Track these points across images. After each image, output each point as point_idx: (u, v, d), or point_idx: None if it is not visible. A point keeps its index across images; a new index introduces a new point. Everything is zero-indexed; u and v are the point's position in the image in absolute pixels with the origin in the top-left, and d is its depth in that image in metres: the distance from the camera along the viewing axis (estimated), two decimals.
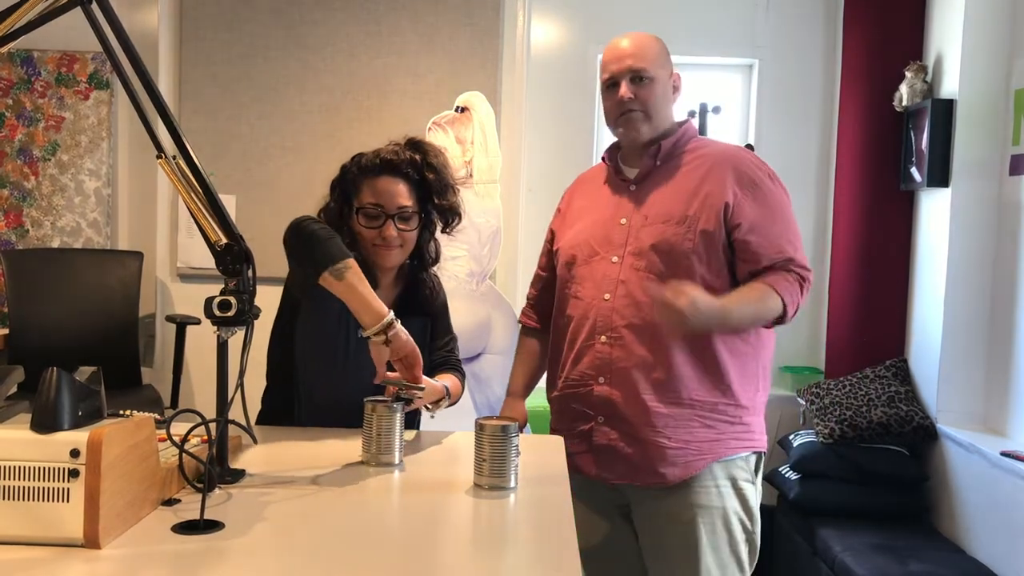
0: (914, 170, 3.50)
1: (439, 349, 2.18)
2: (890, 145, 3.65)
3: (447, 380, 2.07)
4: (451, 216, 2.12)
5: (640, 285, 1.98)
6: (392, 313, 1.81)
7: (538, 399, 3.63)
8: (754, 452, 2.05)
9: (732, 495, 2.00)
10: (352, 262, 1.81)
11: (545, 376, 2.26)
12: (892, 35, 3.65)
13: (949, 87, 3.37)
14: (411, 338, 1.83)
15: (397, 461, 1.77)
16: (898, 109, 3.58)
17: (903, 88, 3.51)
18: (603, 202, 2.13)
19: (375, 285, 2.04)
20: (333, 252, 1.81)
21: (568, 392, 2.08)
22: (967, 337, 3.31)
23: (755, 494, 2.05)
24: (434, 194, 2.07)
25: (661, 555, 2.03)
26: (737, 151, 2.11)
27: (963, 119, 3.29)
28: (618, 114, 2.06)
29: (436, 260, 2.19)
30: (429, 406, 1.97)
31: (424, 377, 1.91)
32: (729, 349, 1.98)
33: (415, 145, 2.09)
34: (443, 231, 2.15)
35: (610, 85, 2.08)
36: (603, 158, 2.21)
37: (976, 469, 3.10)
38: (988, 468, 3.01)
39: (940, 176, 3.34)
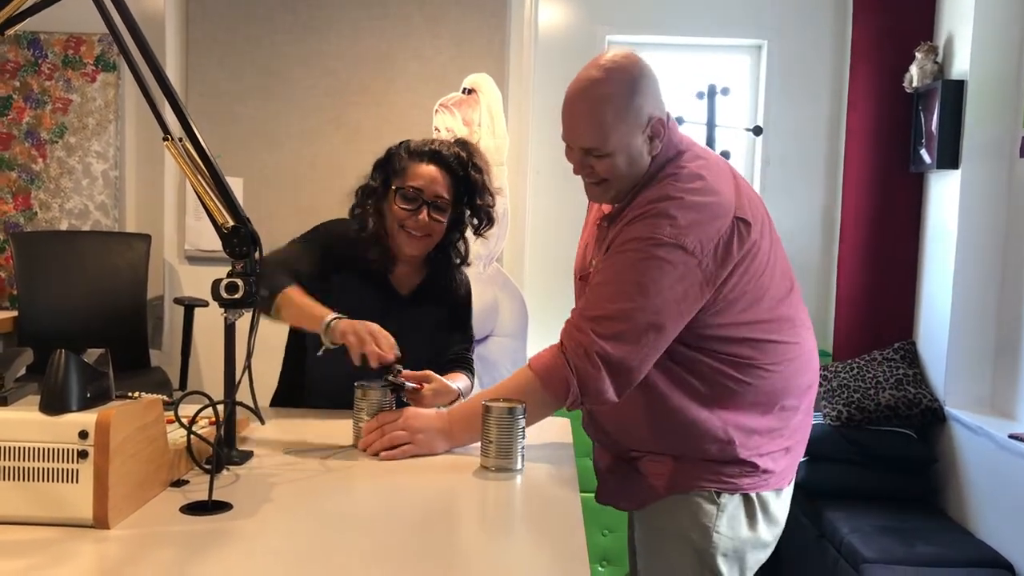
0: (924, 152, 3.48)
1: (454, 345, 2.19)
2: (900, 126, 3.63)
3: (460, 381, 2.06)
4: (486, 219, 2.13)
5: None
6: (329, 315, 1.83)
7: None
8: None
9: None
10: (284, 294, 1.89)
11: None
12: (902, 16, 3.61)
13: (960, 68, 3.34)
14: (357, 322, 1.82)
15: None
16: (908, 90, 3.56)
17: (913, 69, 3.49)
18: (591, 228, 1.95)
19: (391, 270, 2.10)
20: (264, 293, 1.74)
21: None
22: (976, 319, 3.30)
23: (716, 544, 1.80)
24: (476, 194, 2.09)
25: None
26: (658, 193, 1.70)
27: (974, 100, 3.27)
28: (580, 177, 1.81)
29: (464, 260, 2.19)
30: (444, 407, 1.95)
31: (437, 376, 1.94)
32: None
33: (463, 144, 2.13)
34: (475, 233, 2.16)
35: (567, 146, 1.78)
36: None
37: (984, 452, 3.09)
38: (996, 450, 3.00)
39: (950, 158, 3.32)
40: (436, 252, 2.14)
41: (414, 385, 1.87)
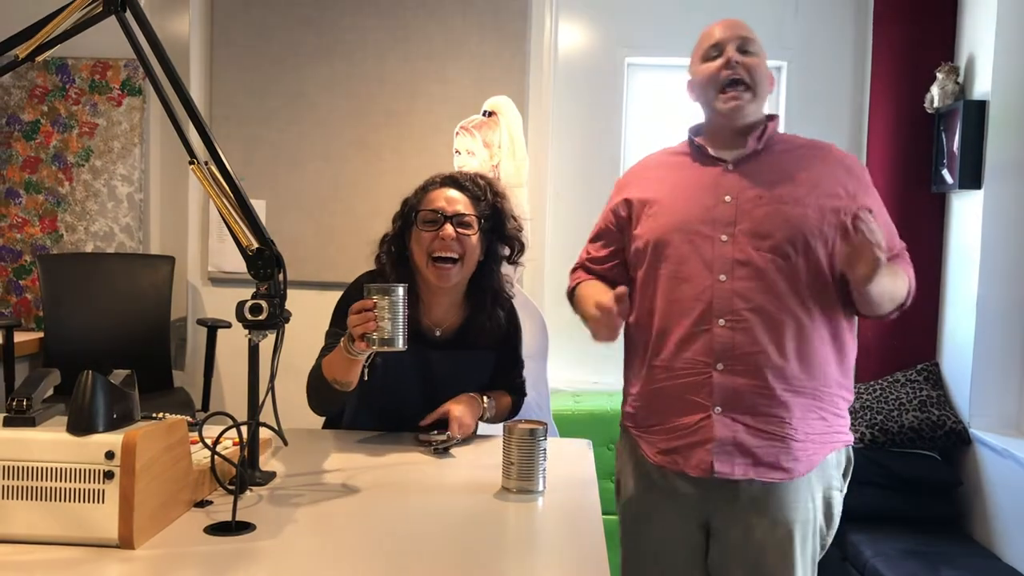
0: (945, 172, 3.47)
1: (502, 380, 2.14)
2: (921, 147, 3.62)
3: (499, 395, 2.08)
4: (518, 245, 2.08)
5: (766, 266, 1.85)
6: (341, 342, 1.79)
7: (562, 402, 3.63)
8: (847, 447, 1.99)
9: (822, 506, 1.93)
10: (323, 368, 1.88)
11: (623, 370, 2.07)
12: (923, 36, 3.61)
13: (981, 88, 3.33)
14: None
15: (400, 343, 1.71)
16: (929, 111, 3.55)
17: (934, 89, 3.48)
18: (692, 181, 1.97)
19: (426, 309, 2.02)
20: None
21: (673, 382, 1.93)
22: (1000, 340, 3.27)
23: (840, 500, 1.98)
24: (503, 220, 2.04)
25: (749, 568, 1.91)
26: (831, 144, 2.05)
27: (996, 120, 3.26)
28: (725, 82, 1.91)
29: (503, 292, 2.10)
30: (458, 435, 1.95)
31: (459, 413, 1.96)
32: (851, 332, 1.95)
33: (482, 175, 2.09)
34: (509, 261, 2.09)
35: (713, 56, 1.94)
36: (689, 139, 2.04)
37: (1010, 474, 3.06)
38: (1022, 473, 2.97)
39: (972, 178, 3.31)
40: (472, 290, 2.06)
41: (454, 436, 1.92)
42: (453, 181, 2.03)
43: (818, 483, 1.90)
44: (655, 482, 1.94)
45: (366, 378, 1.83)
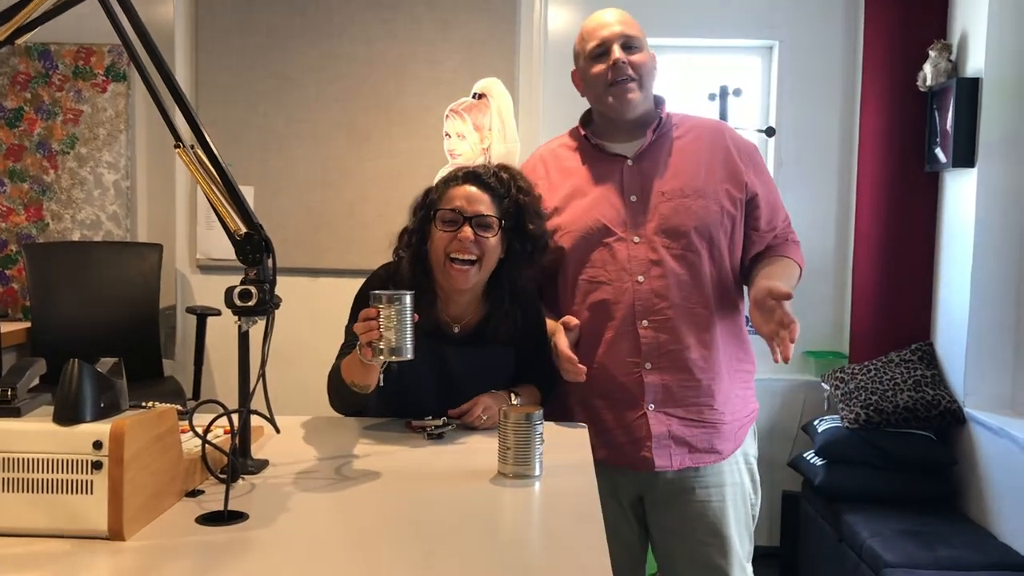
0: (939, 151, 3.45)
1: (530, 375, 2.06)
2: (914, 126, 3.61)
3: (528, 391, 2.02)
4: (540, 244, 1.98)
5: (677, 262, 1.95)
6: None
7: None
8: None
9: (746, 470, 2.07)
10: (341, 371, 1.86)
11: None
12: (915, 13, 3.59)
13: (974, 65, 3.31)
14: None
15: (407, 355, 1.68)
16: (922, 89, 3.53)
17: (927, 67, 3.46)
18: (596, 182, 2.02)
19: (434, 304, 1.97)
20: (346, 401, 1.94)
21: (606, 384, 1.98)
22: (994, 319, 3.27)
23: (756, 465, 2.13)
24: (525, 217, 1.95)
25: (688, 539, 2.02)
26: (722, 123, 2.14)
27: (989, 98, 3.24)
28: (611, 81, 1.99)
29: (530, 296, 2.03)
30: (483, 417, 1.93)
31: (486, 399, 1.94)
32: (742, 307, 2.08)
33: (505, 167, 2.00)
34: (530, 260, 2.00)
35: (599, 54, 2.02)
36: (583, 135, 2.07)
37: (1005, 453, 3.06)
38: (1017, 452, 2.97)
39: (965, 156, 3.29)
40: (492, 287, 1.99)
41: (449, 422, 1.93)
42: (475, 177, 1.95)
43: (739, 452, 2.06)
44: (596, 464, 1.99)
45: (382, 383, 1.79)
